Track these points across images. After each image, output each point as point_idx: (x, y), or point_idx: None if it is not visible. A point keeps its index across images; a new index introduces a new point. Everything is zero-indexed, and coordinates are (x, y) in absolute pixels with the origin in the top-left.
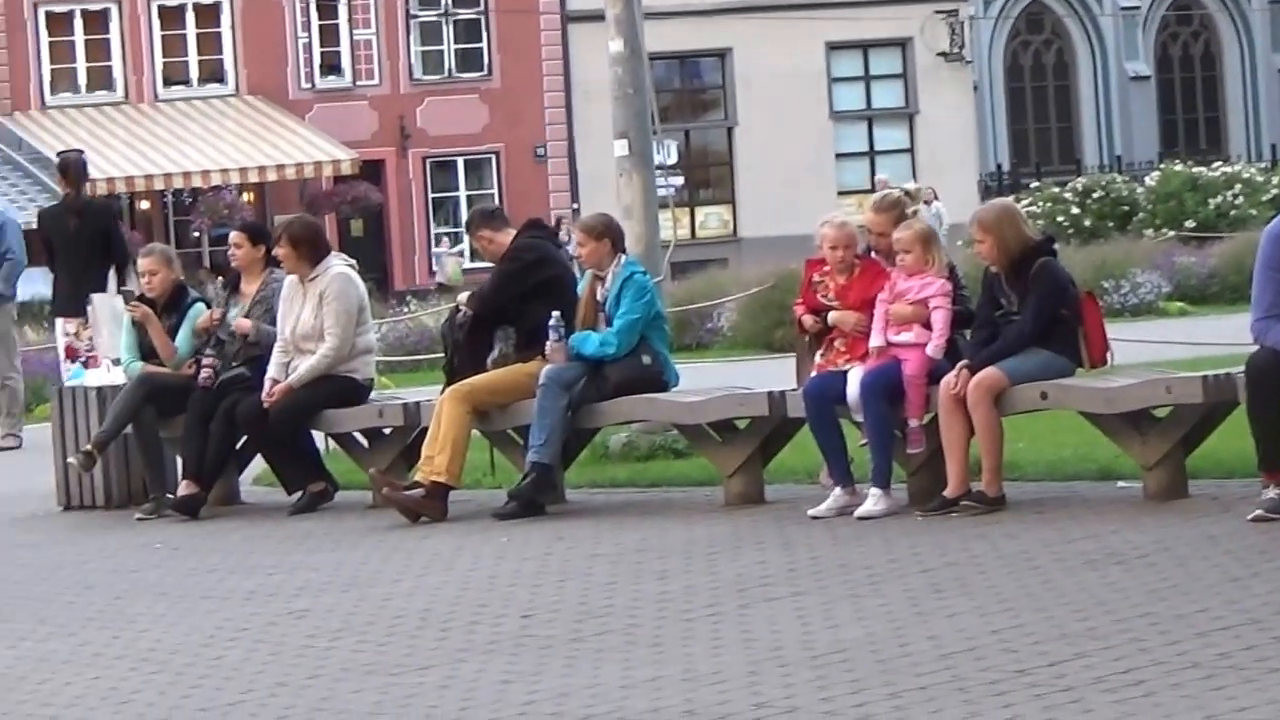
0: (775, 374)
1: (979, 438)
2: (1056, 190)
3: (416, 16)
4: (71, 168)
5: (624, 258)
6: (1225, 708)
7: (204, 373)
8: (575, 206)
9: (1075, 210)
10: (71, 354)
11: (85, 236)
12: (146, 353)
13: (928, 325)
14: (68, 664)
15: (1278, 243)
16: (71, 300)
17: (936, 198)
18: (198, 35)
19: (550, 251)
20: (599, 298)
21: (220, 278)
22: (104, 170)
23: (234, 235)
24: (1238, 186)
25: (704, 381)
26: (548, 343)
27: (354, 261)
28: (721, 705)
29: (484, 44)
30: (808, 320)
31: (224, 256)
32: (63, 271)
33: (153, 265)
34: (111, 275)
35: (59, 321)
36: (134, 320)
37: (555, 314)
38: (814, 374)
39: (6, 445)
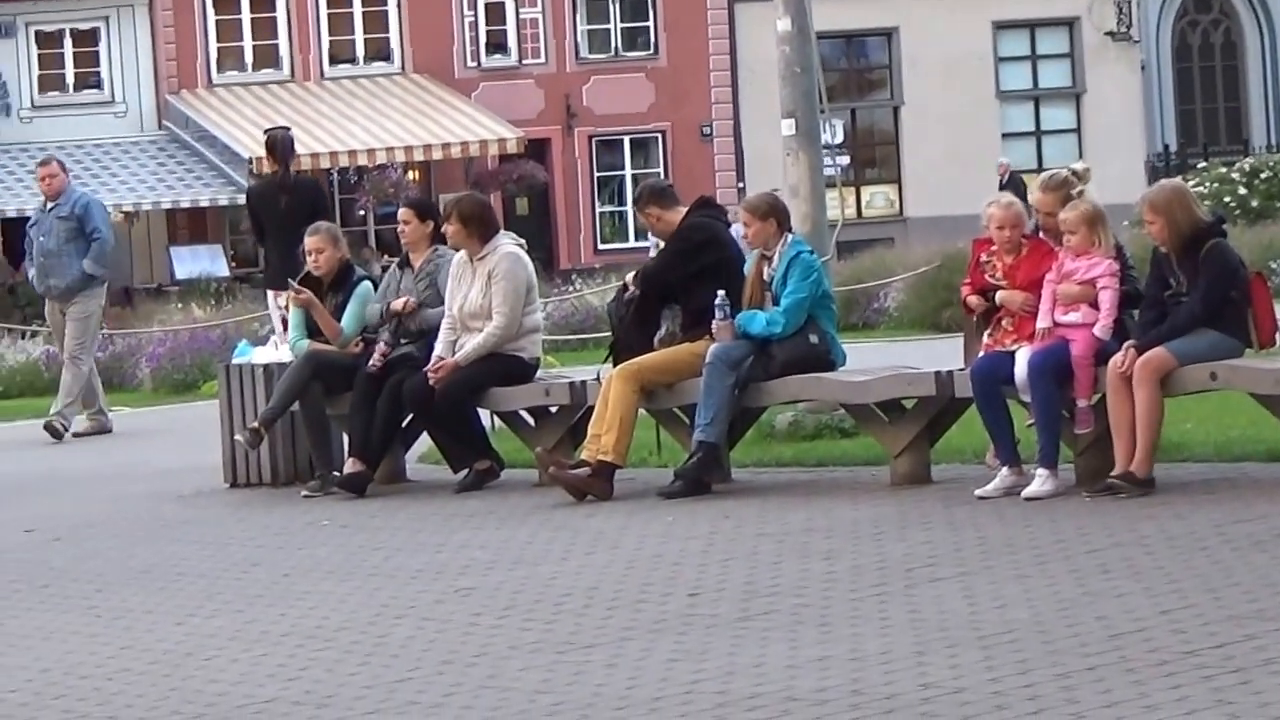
0: (942, 354)
1: (1138, 418)
2: (1224, 171)
3: None
4: (279, 145)
5: (791, 237)
6: None
7: (375, 359)
8: (741, 185)
9: (1243, 191)
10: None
11: (294, 212)
12: (314, 331)
13: (1095, 305)
14: (234, 640)
15: None
16: (281, 274)
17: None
18: (364, 13)
19: (720, 232)
20: (765, 277)
21: (387, 256)
22: None
23: (402, 211)
24: None
25: (870, 361)
26: (714, 321)
27: (523, 240)
28: (888, 685)
29: (650, 22)
30: (973, 301)
31: (390, 235)
32: (273, 247)
33: (319, 244)
34: None
35: (270, 295)
36: (298, 304)
37: (721, 293)
38: (981, 354)
39: (90, 430)
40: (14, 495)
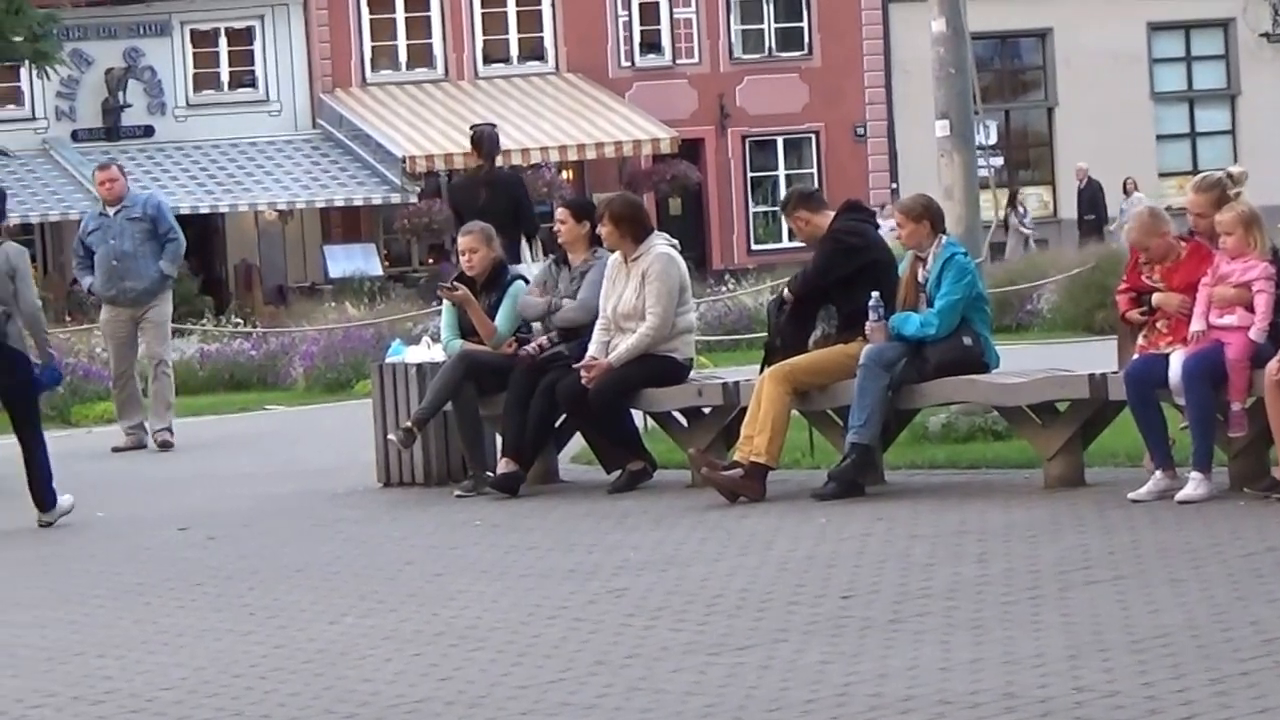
0: (1096, 356)
1: None
2: None
3: None
4: (484, 140)
5: (945, 238)
6: None
7: (529, 347)
8: (894, 186)
9: None
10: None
11: (495, 208)
12: (466, 331)
13: (1251, 308)
14: (388, 640)
15: None
16: None
17: (1136, 188)
18: (518, 13)
19: (872, 235)
20: (920, 279)
21: (547, 255)
22: (422, 147)
23: (559, 211)
24: None
25: (1024, 363)
26: (868, 323)
27: (676, 241)
28: (1041, 689)
29: (804, 23)
30: (1133, 316)
31: (543, 234)
32: None
33: (472, 243)
34: (524, 246)
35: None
36: (452, 303)
37: (875, 294)
38: (1136, 356)
39: (128, 445)
40: (166, 494)
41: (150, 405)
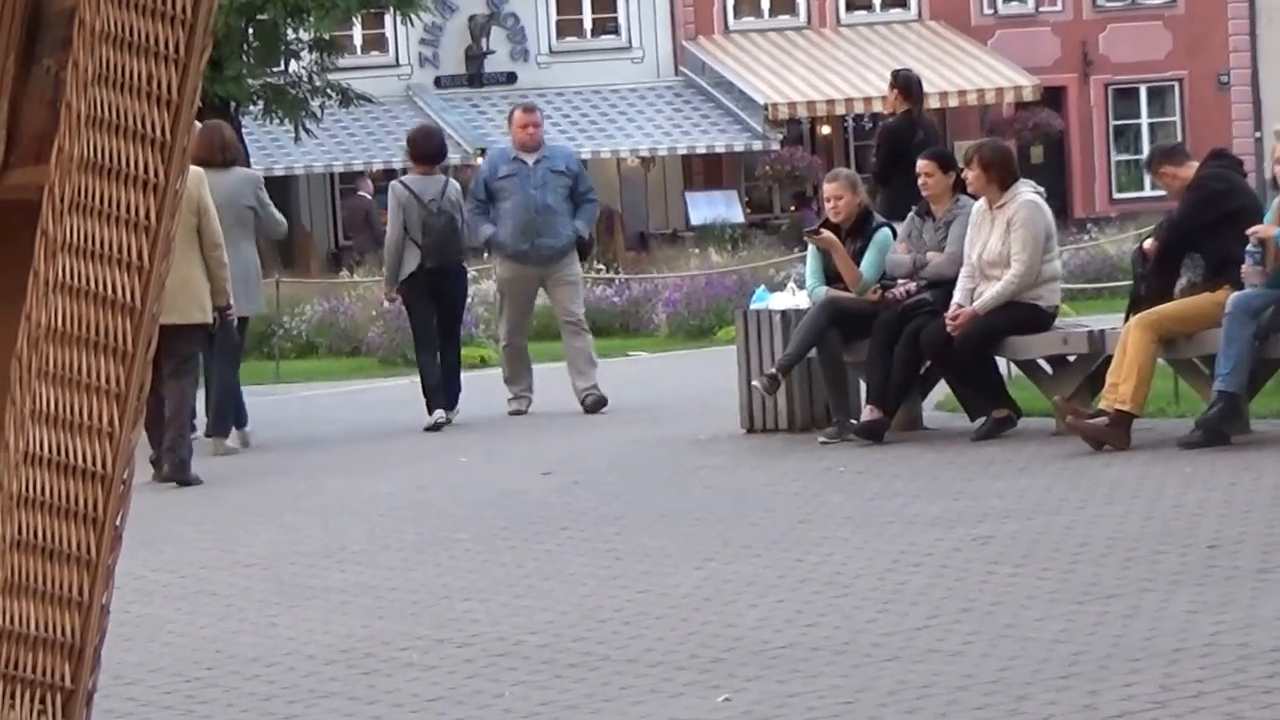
0: None
1: None
2: None
3: None
4: (915, 84)
5: None
6: None
7: (897, 290)
8: (1258, 135)
9: None
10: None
11: (924, 148)
12: (831, 277)
13: None
14: (751, 586)
15: None
16: (905, 208)
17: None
18: None
19: (1237, 181)
20: None
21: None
22: (785, 95)
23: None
24: None
25: None
26: (1244, 266)
27: (1042, 189)
28: None
29: None
30: None
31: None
32: (906, 184)
33: (838, 190)
34: None
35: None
36: (819, 246)
37: (1254, 238)
38: None
39: (518, 410)
40: (531, 439)
41: (572, 364)
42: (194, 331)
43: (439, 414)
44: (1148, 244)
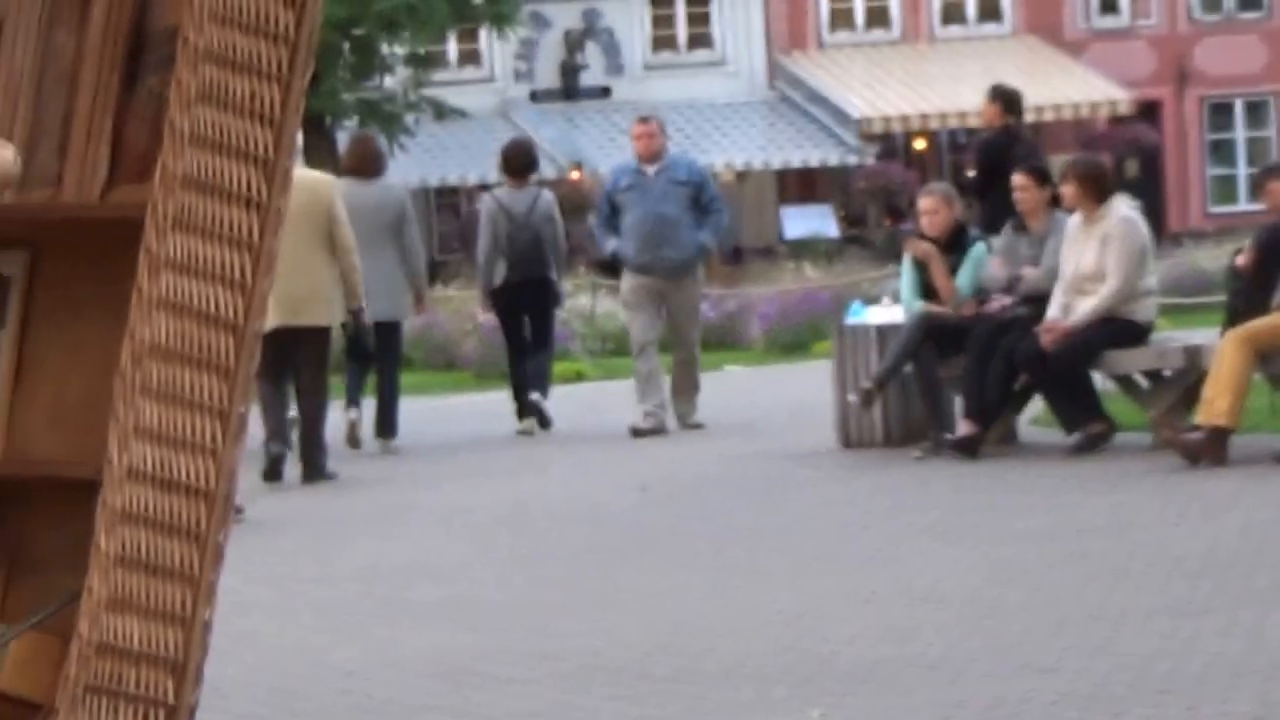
0: None
1: None
2: None
3: None
4: (1016, 98)
5: None
6: None
7: (993, 306)
8: None
9: None
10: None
11: (1020, 162)
12: (926, 292)
13: None
14: (846, 601)
15: None
16: (1001, 221)
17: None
18: None
19: None
20: None
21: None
22: (879, 109)
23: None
24: None
25: None
26: None
27: (1138, 203)
28: None
29: None
30: None
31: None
32: (1001, 197)
33: (933, 204)
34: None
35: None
36: (915, 259)
37: None
38: None
39: (650, 427)
40: (626, 453)
41: (675, 388)
42: (322, 335)
43: (529, 421)
44: (1240, 259)
